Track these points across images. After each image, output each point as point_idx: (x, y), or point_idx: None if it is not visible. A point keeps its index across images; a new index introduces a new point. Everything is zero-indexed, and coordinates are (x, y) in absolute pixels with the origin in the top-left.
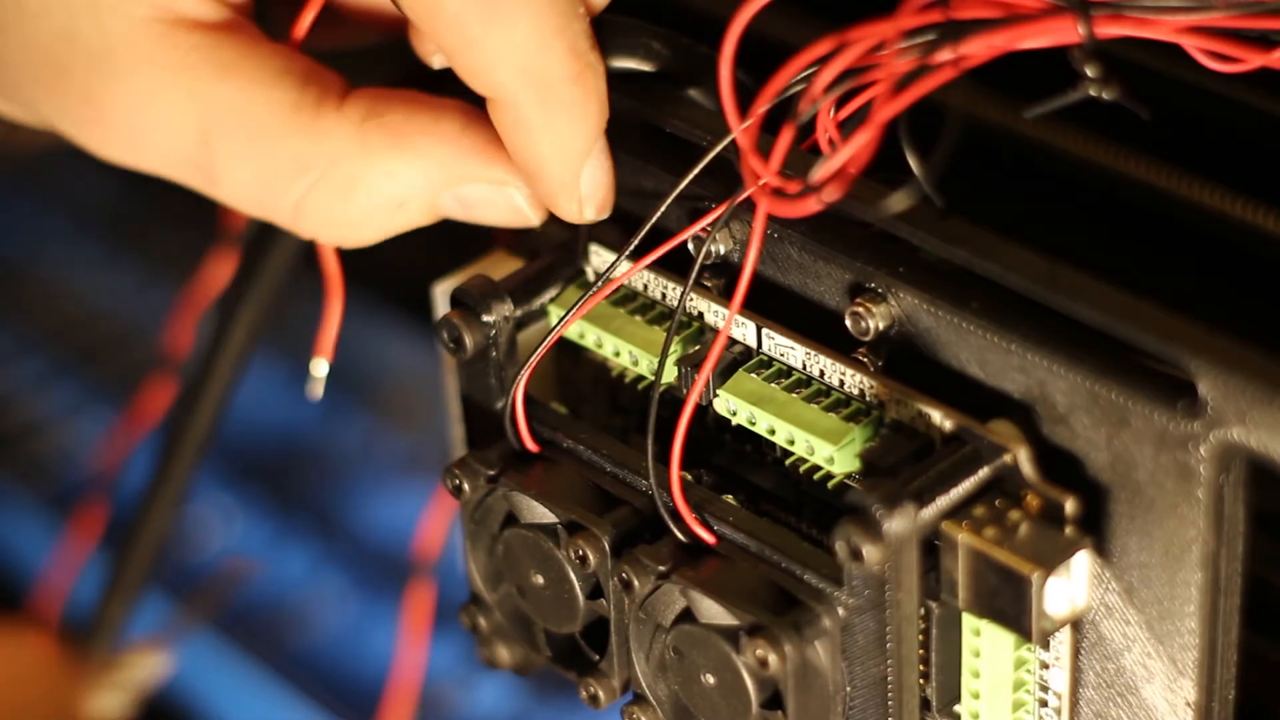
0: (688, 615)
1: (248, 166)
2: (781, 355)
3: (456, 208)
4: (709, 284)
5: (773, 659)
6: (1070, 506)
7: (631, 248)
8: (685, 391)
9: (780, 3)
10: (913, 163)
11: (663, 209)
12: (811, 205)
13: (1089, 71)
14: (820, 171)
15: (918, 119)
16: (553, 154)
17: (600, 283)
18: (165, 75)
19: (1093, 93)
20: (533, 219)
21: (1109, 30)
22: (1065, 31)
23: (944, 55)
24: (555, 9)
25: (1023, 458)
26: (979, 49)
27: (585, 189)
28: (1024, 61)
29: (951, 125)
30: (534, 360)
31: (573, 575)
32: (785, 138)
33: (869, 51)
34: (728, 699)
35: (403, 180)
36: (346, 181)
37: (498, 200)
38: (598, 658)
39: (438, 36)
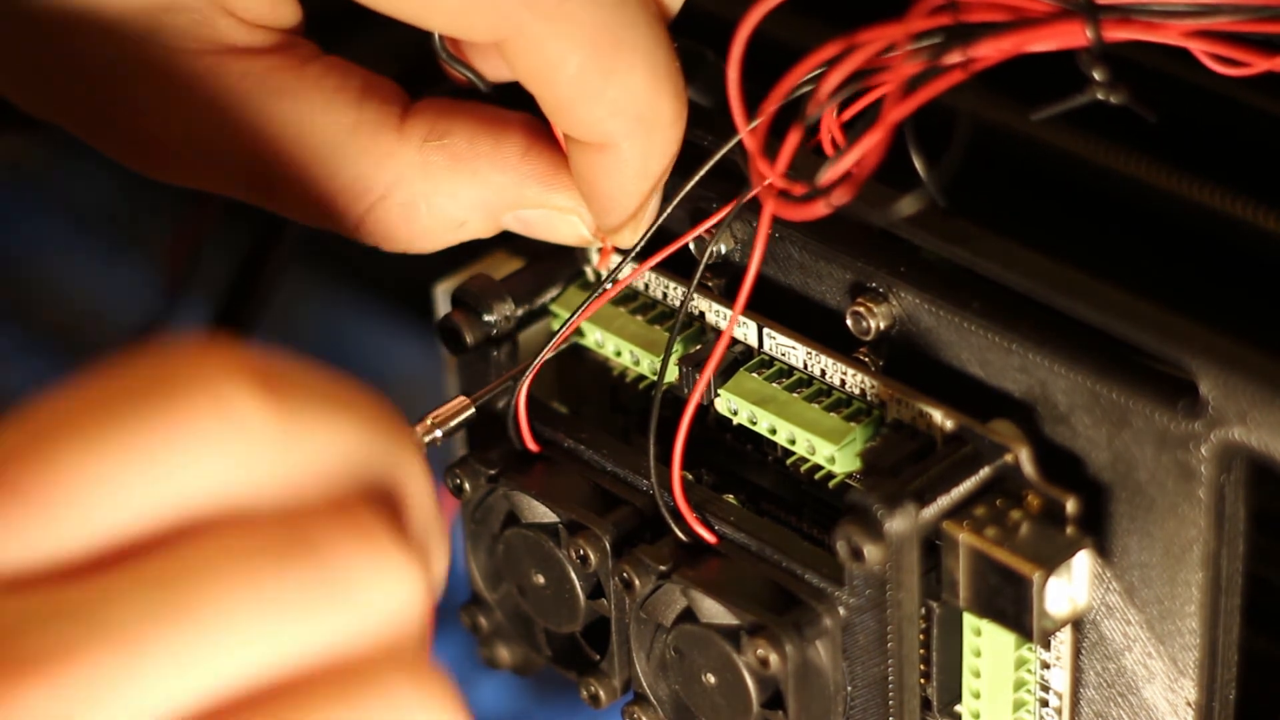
0: (688, 615)
1: (308, 190)
2: (782, 355)
3: (517, 226)
4: (710, 284)
5: (773, 658)
6: (1071, 506)
7: (636, 249)
8: (686, 391)
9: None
10: (919, 166)
11: (669, 211)
12: (819, 209)
13: (1096, 75)
14: (828, 173)
15: (920, 122)
16: (635, 191)
17: (605, 284)
18: (219, 107)
19: (1100, 96)
20: (594, 243)
21: (1117, 34)
22: (1073, 35)
23: (954, 58)
24: (664, 51)
25: (1023, 457)
26: (988, 52)
27: (645, 218)
28: (1026, 62)
29: (962, 129)
30: (538, 363)
31: (573, 575)
32: (792, 140)
33: (878, 54)
34: (728, 699)
35: (464, 202)
36: (408, 201)
37: (559, 225)
38: (598, 657)
39: (556, 94)
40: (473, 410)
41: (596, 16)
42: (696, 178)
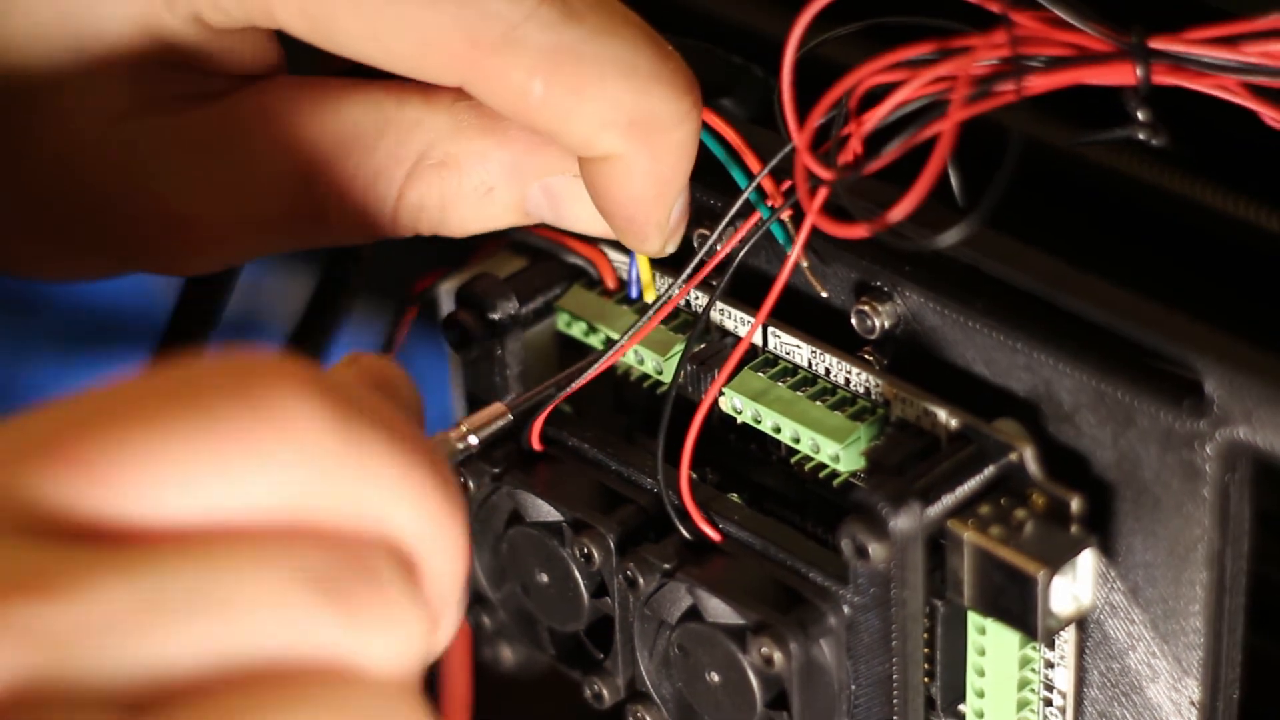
0: (693, 613)
1: (354, 181)
2: (787, 353)
3: (544, 203)
4: (713, 282)
5: (778, 657)
6: (1075, 505)
7: (689, 271)
8: (690, 389)
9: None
10: (957, 190)
11: (721, 229)
12: (863, 230)
13: (1140, 116)
14: (902, 208)
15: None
16: (655, 196)
17: (660, 303)
18: (240, 144)
19: (1141, 136)
20: (609, 232)
21: (1165, 80)
22: (1124, 74)
23: (1008, 86)
24: (642, 52)
25: (1028, 456)
26: (1043, 84)
27: (673, 224)
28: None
29: (1010, 155)
30: (584, 379)
31: (577, 573)
32: (847, 153)
33: (938, 79)
34: (732, 697)
35: (493, 163)
36: (439, 162)
37: (585, 195)
38: (602, 656)
39: (535, 121)
40: (510, 418)
41: (548, 37)
42: (746, 194)
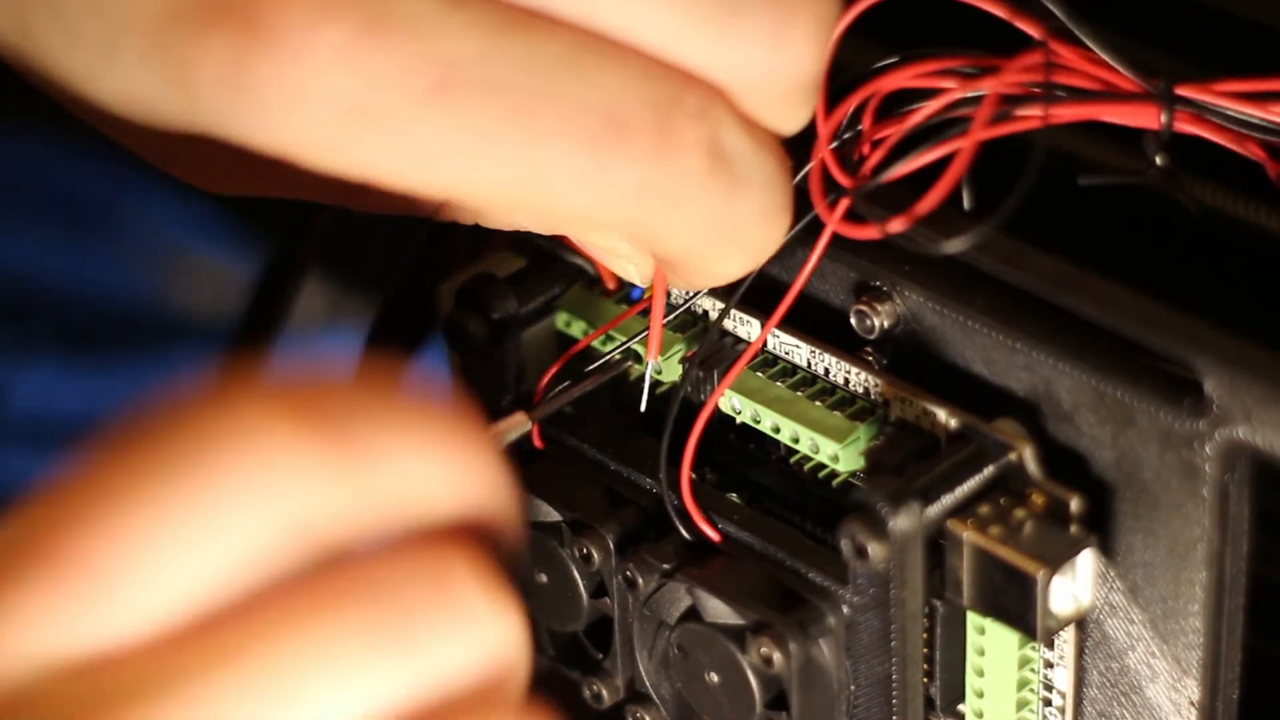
0: (692, 613)
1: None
2: (786, 353)
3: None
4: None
5: (777, 657)
6: (1075, 505)
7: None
8: (690, 389)
9: None
10: (966, 198)
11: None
12: (876, 231)
13: (1158, 160)
14: (923, 206)
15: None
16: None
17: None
18: None
19: (1155, 180)
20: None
21: (1186, 128)
22: (1147, 116)
23: (1033, 111)
24: (784, 200)
25: (1028, 456)
26: (1067, 115)
27: None
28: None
29: (1031, 166)
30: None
31: (576, 574)
32: (872, 160)
33: (963, 100)
34: (732, 698)
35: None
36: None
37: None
38: (601, 656)
39: (664, 259)
40: (529, 425)
41: (712, 207)
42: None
